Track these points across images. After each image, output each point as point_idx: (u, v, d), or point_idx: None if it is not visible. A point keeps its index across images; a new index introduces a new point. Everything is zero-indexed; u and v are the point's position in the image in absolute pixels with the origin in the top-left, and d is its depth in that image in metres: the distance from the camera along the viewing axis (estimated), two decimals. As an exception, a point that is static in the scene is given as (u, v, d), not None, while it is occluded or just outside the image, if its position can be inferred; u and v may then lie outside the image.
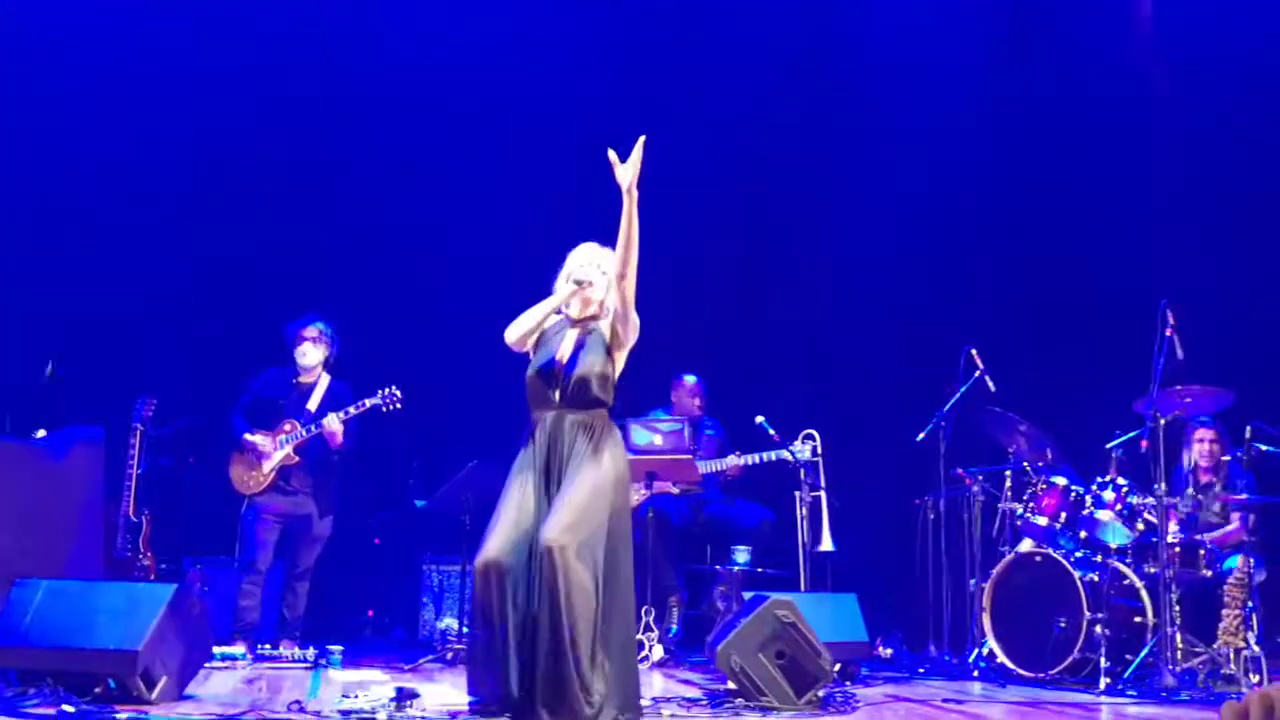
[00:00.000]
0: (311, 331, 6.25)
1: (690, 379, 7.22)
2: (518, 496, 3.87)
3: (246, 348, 6.97)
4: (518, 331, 4.01)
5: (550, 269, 4.09)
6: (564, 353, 3.98)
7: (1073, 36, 8.16)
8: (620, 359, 4.02)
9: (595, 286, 3.99)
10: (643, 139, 3.81)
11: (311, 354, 6.25)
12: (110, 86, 7.65)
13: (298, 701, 4.04)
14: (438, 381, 7.26)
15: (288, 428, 6.13)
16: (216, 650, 5.40)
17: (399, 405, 6.08)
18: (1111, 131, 7.95)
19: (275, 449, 6.11)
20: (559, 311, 4.07)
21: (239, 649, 5.68)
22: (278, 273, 7.64)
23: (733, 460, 6.78)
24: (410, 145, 8.08)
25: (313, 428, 6.07)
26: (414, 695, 3.98)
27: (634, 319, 3.97)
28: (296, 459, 6.11)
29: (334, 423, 6.02)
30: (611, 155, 3.82)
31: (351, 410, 6.06)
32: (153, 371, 7.10)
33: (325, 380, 6.29)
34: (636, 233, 3.86)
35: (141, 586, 4.96)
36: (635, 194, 3.83)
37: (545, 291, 4.05)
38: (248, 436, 6.14)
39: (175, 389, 6.94)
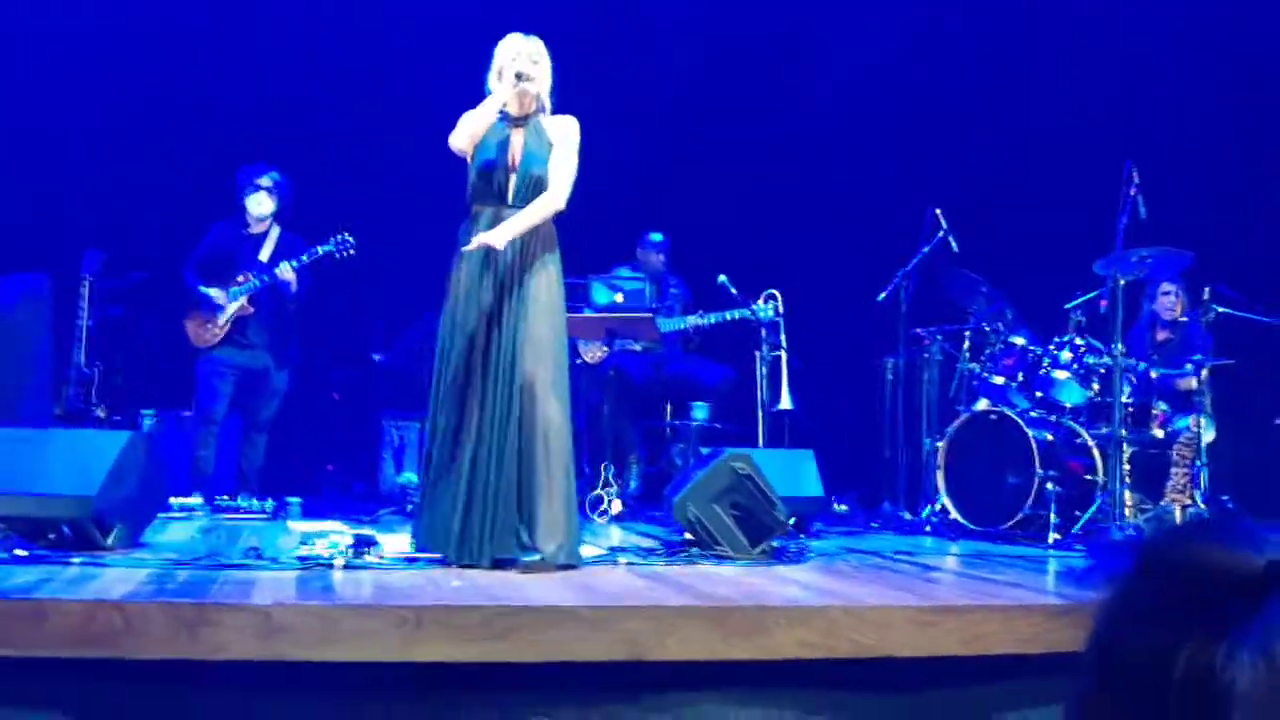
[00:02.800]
0: (266, 181, 6.11)
1: (656, 236, 7.15)
2: (472, 312, 3.92)
3: (200, 199, 6.80)
4: (466, 135, 3.99)
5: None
6: (514, 151, 3.99)
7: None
8: None
9: (534, 81, 3.99)
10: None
11: (265, 204, 6.12)
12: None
13: (255, 548, 4.03)
14: (393, 234, 7.13)
15: (241, 279, 6.03)
16: (174, 501, 5.38)
17: (352, 252, 6.00)
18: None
19: (229, 301, 6.02)
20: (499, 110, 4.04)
21: (196, 499, 5.67)
22: (228, 122, 7.40)
23: (693, 320, 6.76)
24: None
25: (265, 277, 5.97)
26: (372, 543, 3.98)
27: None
28: (251, 310, 6.04)
29: (287, 271, 5.94)
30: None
31: (305, 258, 5.97)
32: (104, 224, 6.92)
33: (276, 231, 6.18)
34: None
35: (95, 433, 4.91)
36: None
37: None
38: (202, 289, 6.05)
39: (129, 241, 6.78)
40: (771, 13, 8.12)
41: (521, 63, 3.99)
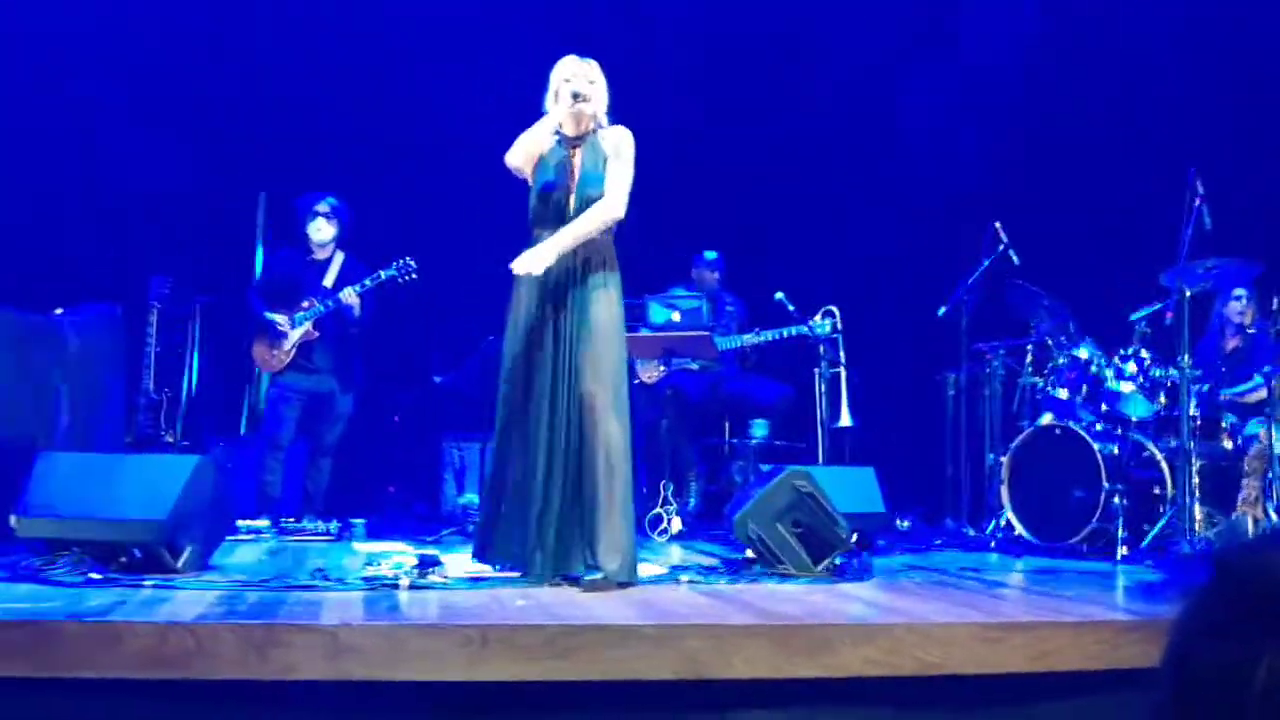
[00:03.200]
0: (324, 207, 6.21)
1: (710, 254, 7.16)
2: (534, 334, 3.97)
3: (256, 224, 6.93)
4: (522, 153, 4.03)
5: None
6: (573, 173, 4.03)
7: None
8: None
9: (590, 100, 4.02)
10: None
11: (325, 229, 6.22)
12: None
13: (321, 570, 4.09)
14: (455, 259, 7.21)
15: (305, 304, 6.13)
16: (241, 524, 5.47)
17: (414, 276, 6.08)
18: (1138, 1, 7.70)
19: (294, 326, 6.12)
20: (555, 131, 4.09)
21: (263, 523, 5.75)
22: (290, 149, 7.53)
23: (750, 338, 6.76)
24: (421, 15, 7.87)
25: (330, 302, 6.07)
26: (436, 563, 4.02)
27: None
28: (316, 334, 6.13)
29: (350, 296, 6.03)
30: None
31: (368, 282, 6.05)
32: (166, 252, 7.07)
33: (340, 256, 6.28)
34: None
35: (166, 458, 5.02)
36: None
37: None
38: (267, 315, 6.15)
39: (192, 268, 6.92)
40: (840, 33, 8.09)
41: (578, 83, 4.03)
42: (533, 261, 3.94)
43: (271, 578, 3.94)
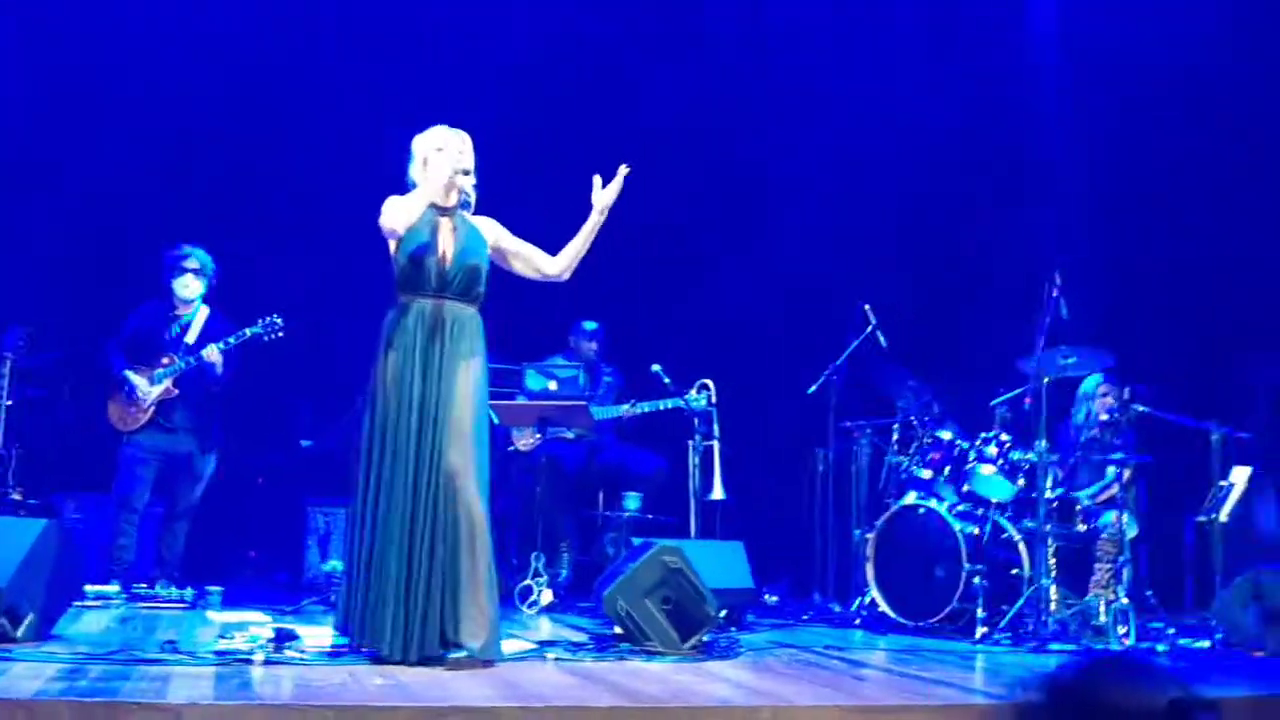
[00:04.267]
0: (192, 263, 6.06)
1: (590, 325, 7.17)
2: (400, 401, 3.90)
3: (124, 278, 6.71)
4: (404, 218, 3.96)
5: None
6: (445, 242, 4.02)
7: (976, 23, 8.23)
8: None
9: (469, 175, 4.05)
10: (625, 169, 4.28)
11: (192, 285, 6.07)
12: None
13: (171, 641, 3.93)
14: (323, 319, 7.09)
15: (165, 361, 5.95)
16: (89, 589, 5.23)
17: (280, 334, 5.95)
18: (1001, 89, 8.07)
19: (152, 384, 5.92)
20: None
21: (113, 588, 5.51)
22: (156, 201, 7.33)
23: (626, 409, 6.78)
24: (290, 69, 7.78)
25: (191, 360, 5.90)
26: (293, 637, 3.90)
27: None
28: (175, 392, 5.94)
29: (213, 353, 5.87)
30: (596, 180, 4.24)
31: (232, 340, 5.90)
32: (24, 302, 6.79)
33: (204, 311, 6.12)
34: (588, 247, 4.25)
35: (9, 521, 4.77)
36: (604, 217, 4.26)
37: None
38: (125, 372, 5.95)
39: (49, 319, 6.65)
40: (710, 104, 8.27)
41: (457, 156, 4.05)
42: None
43: (117, 649, 3.77)
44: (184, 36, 7.61)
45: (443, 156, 4.05)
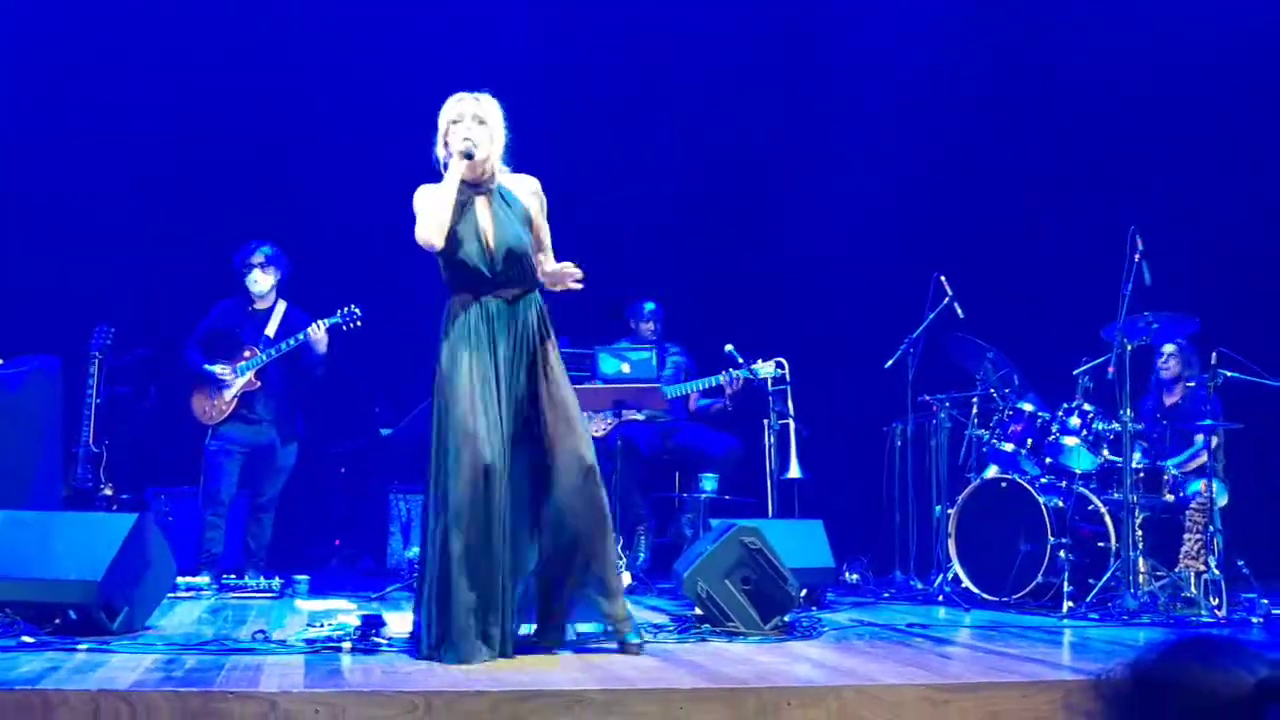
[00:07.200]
0: (258, 258, 6.15)
1: (648, 305, 7.16)
2: (484, 393, 3.66)
3: (204, 274, 6.85)
4: (434, 227, 3.68)
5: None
6: (485, 227, 3.75)
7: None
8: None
9: (480, 147, 3.74)
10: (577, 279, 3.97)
11: (262, 280, 6.15)
12: (57, 11, 7.39)
13: (262, 631, 4.01)
14: (403, 309, 7.16)
15: (247, 354, 6.05)
16: (181, 581, 5.36)
17: (359, 323, 6.02)
18: (1080, 56, 7.88)
19: (236, 376, 6.04)
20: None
21: (203, 579, 5.64)
22: (237, 197, 7.46)
23: (697, 384, 6.78)
24: (366, 64, 7.84)
25: (273, 351, 6.00)
26: (380, 623, 3.96)
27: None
28: (258, 384, 6.05)
29: (319, 330, 5.94)
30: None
31: (327, 321, 5.98)
32: (109, 300, 6.96)
33: (281, 305, 6.21)
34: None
35: (102, 516, 4.91)
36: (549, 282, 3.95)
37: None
38: (207, 366, 6.06)
39: (133, 317, 6.81)
40: (774, 76, 8.19)
41: (466, 127, 3.72)
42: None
43: (210, 640, 3.86)
44: (258, 38, 7.71)
45: (455, 131, 3.75)
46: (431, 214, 3.70)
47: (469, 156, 3.71)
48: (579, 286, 4.02)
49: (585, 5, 7.97)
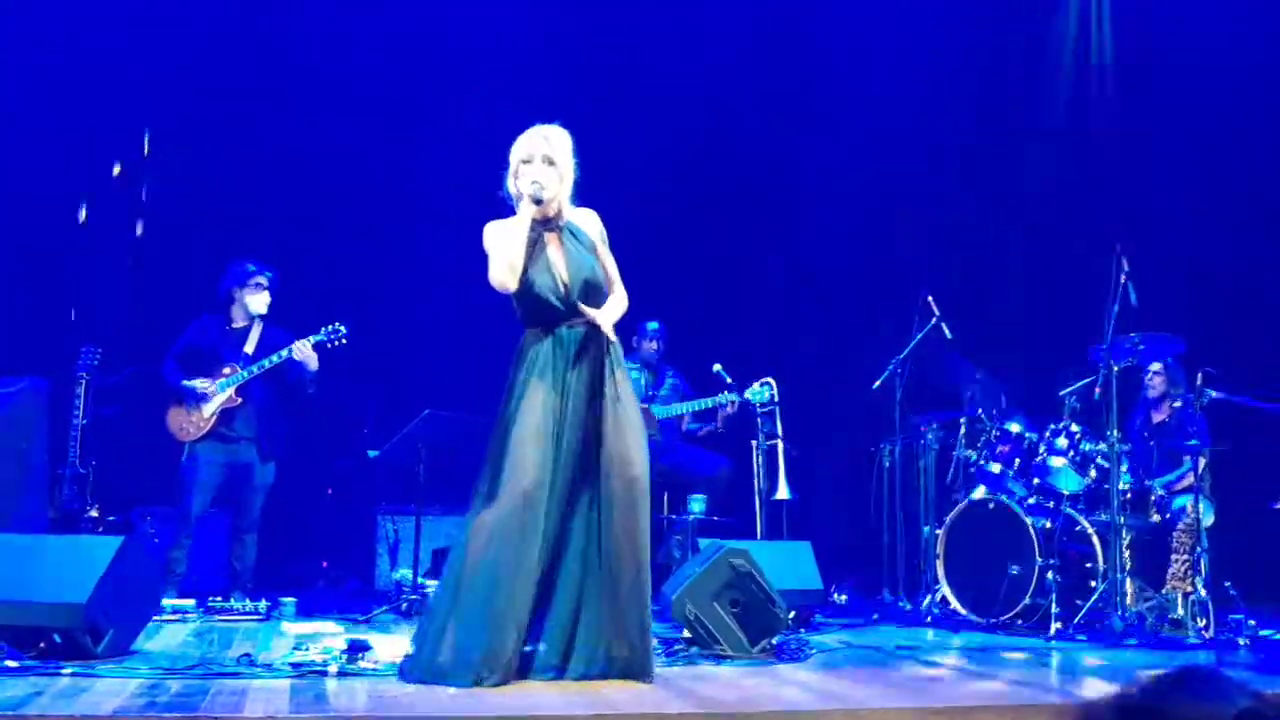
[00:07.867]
0: (264, 279, 6.13)
1: (652, 325, 7.17)
2: (545, 424, 3.68)
3: (191, 296, 6.82)
4: (507, 268, 3.71)
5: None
6: (558, 264, 3.81)
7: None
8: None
9: (548, 189, 3.78)
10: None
11: (263, 301, 6.13)
12: (42, 23, 7.39)
13: (248, 655, 3.98)
14: (390, 329, 7.16)
15: (227, 371, 6.02)
16: (166, 603, 5.32)
17: (344, 341, 5.98)
18: (1067, 78, 7.95)
19: (217, 392, 6.00)
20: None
21: (189, 602, 5.59)
22: (223, 219, 7.45)
23: (688, 406, 6.78)
24: (359, 81, 7.84)
25: (254, 369, 5.97)
26: (366, 648, 3.94)
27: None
28: (239, 401, 6.01)
29: (305, 348, 5.90)
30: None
31: (312, 338, 5.95)
32: (96, 321, 6.94)
33: (259, 324, 6.17)
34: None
35: (87, 539, 4.88)
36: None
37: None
38: (186, 382, 6.03)
39: (119, 338, 6.79)
40: (764, 100, 8.23)
41: (534, 169, 3.79)
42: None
43: (195, 664, 3.84)
44: (240, 58, 7.72)
45: (525, 173, 3.81)
46: (504, 257, 3.76)
47: (538, 202, 3.77)
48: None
49: (570, 37, 8.01)
